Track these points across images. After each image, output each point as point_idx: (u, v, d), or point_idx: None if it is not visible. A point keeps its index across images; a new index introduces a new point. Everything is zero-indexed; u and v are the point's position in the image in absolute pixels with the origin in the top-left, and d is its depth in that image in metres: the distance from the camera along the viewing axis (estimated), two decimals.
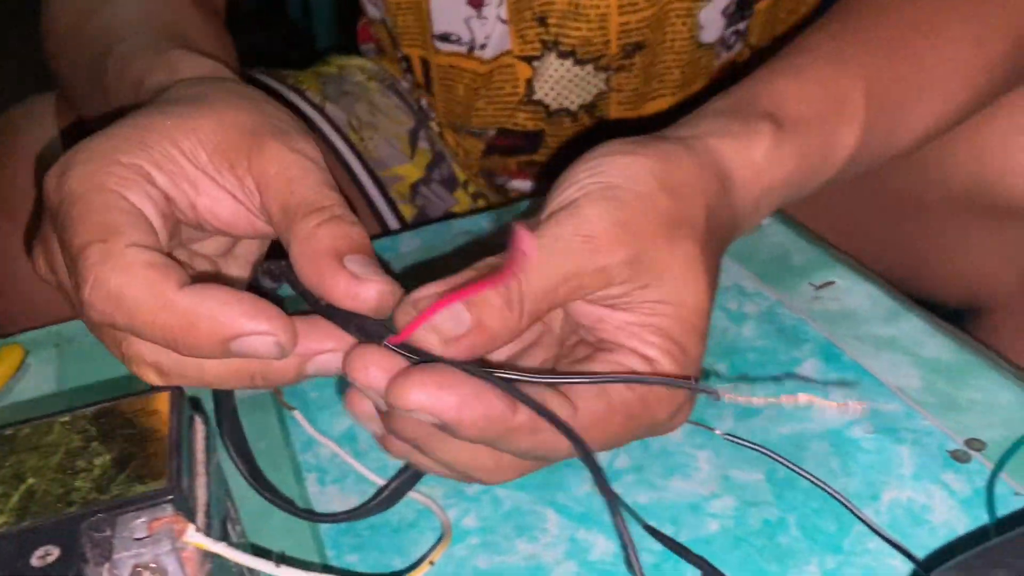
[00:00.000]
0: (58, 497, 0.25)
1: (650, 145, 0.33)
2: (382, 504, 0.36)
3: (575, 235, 0.30)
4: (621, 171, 0.32)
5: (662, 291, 0.31)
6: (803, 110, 0.36)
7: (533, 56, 0.60)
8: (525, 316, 0.29)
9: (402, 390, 0.27)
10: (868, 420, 0.38)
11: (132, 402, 0.28)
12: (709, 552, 0.33)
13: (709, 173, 0.33)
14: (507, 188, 0.70)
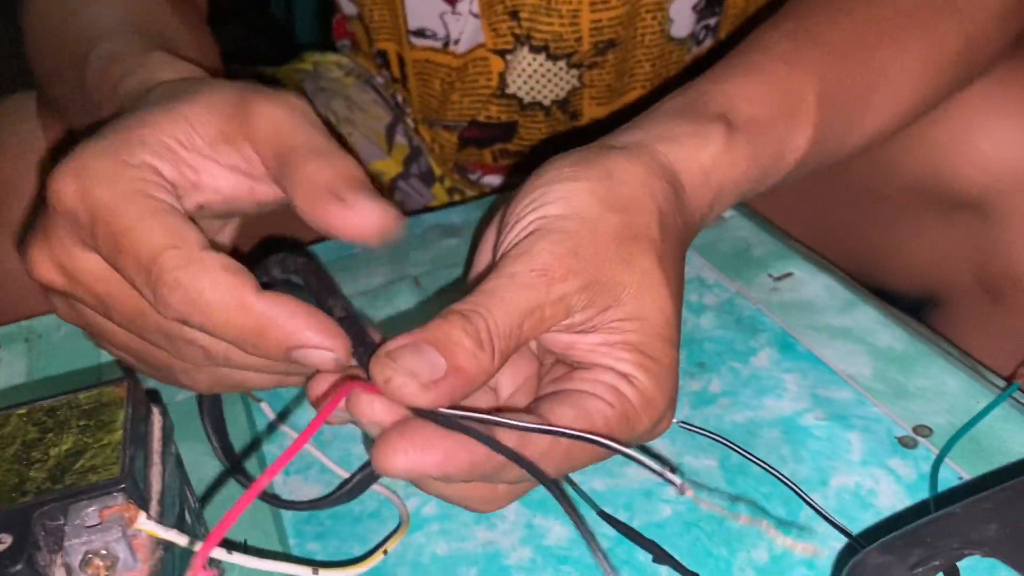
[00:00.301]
0: (12, 487, 0.26)
1: (591, 165, 0.33)
2: (346, 495, 0.36)
3: (529, 271, 0.30)
4: (564, 200, 0.32)
5: (625, 310, 0.31)
6: (755, 111, 0.37)
7: (506, 50, 0.61)
8: (496, 355, 0.29)
9: (385, 459, 0.27)
10: (820, 407, 0.39)
11: (89, 394, 0.29)
12: (661, 536, 0.34)
13: (657, 180, 0.33)
14: (480, 183, 0.71)
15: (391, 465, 0.27)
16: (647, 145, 0.34)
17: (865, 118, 0.42)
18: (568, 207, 0.31)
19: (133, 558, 0.25)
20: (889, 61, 0.42)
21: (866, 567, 0.24)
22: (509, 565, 0.34)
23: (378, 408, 0.28)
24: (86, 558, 0.24)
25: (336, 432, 0.41)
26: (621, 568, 0.34)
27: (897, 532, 0.25)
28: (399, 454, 0.27)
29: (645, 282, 0.31)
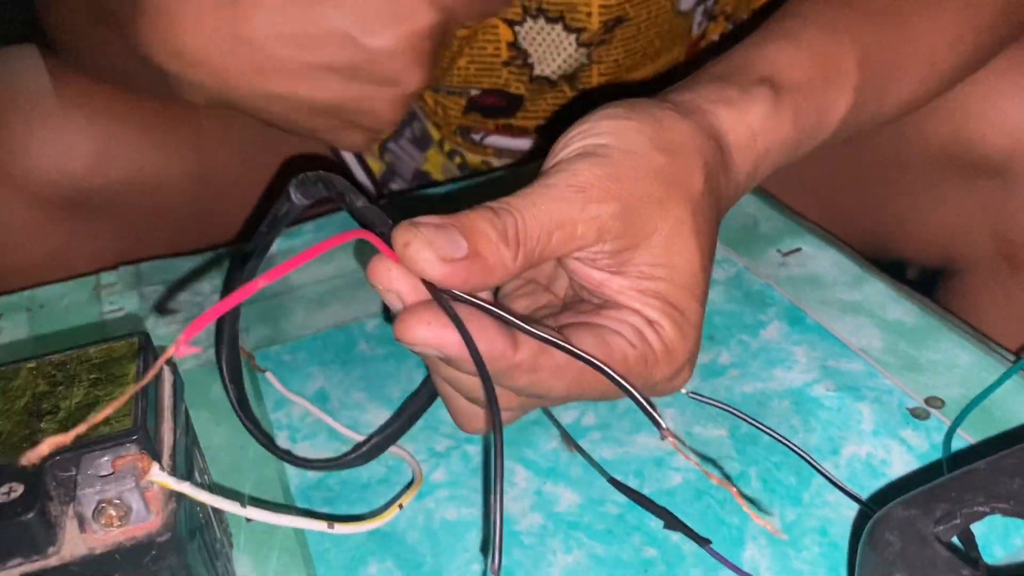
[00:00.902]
0: (23, 438, 0.26)
1: (642, 108, 0.33)
2: (361, 457, 0.36)
3: (567, 186, 0.30)
4: (611, 132, 0.32)
5: (653, 253, 0.31)
6: (798, 76, 0.37)
7: (515, 20, 0.60)
8: (520, 255, 0.29)
9: (408, 326, 0.27)
10: (830, 379, 0.39)
11: (99, 349, 0.29)
12: (671, 504, 0.34)
13: (704, 135, 0.33)
14: (484, 144, 0.70)
15: (413, 333, 0.27)
16: (696, 104, 0.35)
17: (903, 83, 0.42)
18: (616, 139, 0.32)
19: (146, 509, 0.24)
20: (926, 27, 0.42)
21: (891, 521, 0.24)
22: (519, 531, 0.34)
23: (395, 275, 0.28)
24: (99, 507, 0.24)
25: (344, 400, 0.41)
26: (632, 534, 0.33)
27: (921, 488, 0.25)
28: (423, 324, 0.27)
29: (676, 230, 0.31)
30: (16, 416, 0.26)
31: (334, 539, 0.34)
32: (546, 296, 0.36)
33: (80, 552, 0.24)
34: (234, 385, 0.36)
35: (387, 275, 0.28)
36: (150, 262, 0.51)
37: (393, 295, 0.29)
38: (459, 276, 0.28)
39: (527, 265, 0.30)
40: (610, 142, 0.32)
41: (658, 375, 0.31)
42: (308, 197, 0.33)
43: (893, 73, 0.41)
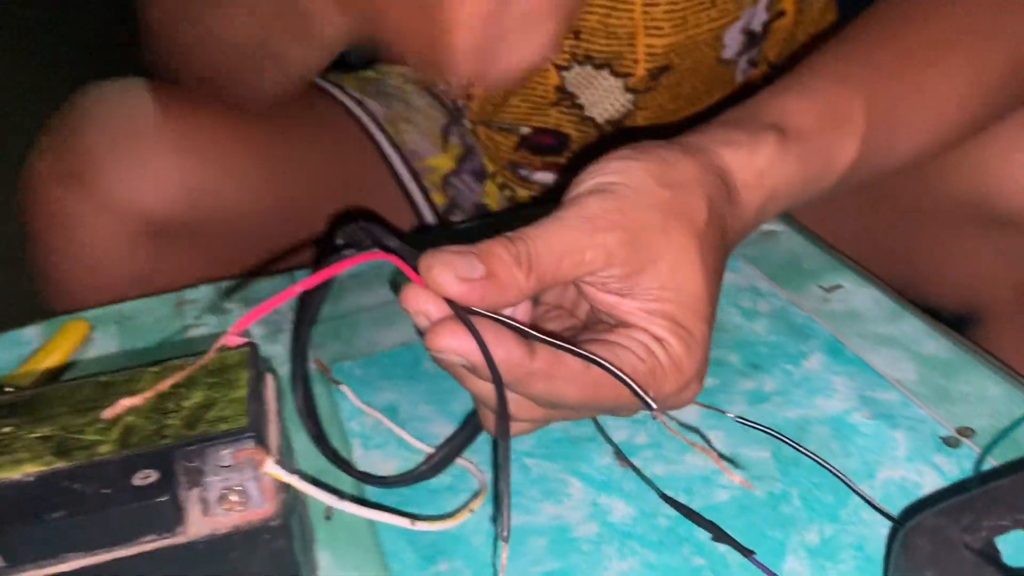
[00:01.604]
0: (153, 432, 0.29)
1: (649, 150, 0.37)
2: (430, 470, 0.39)
3: (576, 216, 0.34)
4: (619, 171, 0.36)
5: (660, 278, 0.34)
6: (805, 122, 0.40)
7: (562, 66, 0.64)
8: (532, 277, 0.33)
9: (436, 335, 0.31)
10: (867, 407, 0.42)
11: (213, 357, 0.32)
12: (718, 518, 0.37)
13: (709, 173, 0.37)
14: (531, 180, 0.74)
15: (441, 342, 0.31)
16: (703, 145, 0.38)
17: (912, 134, 0.45)
18: (622, 177, 0.35)
19: (261, 497, 0.28)
20: (936, 81, 0.44)
21: (922, 529, 0.27)
22: (577, 538, 0.37)
23: (422, 297, 0.32)
24: (223, 494, 0.27)
25: (412, 413, 0.44)
26: (682, 545, 0.36)
27: (951, 500, 0.28)
28: (450, 334, 0.31)
29: (681, 257, 0.34)
30: (144, 413, 0.30)
31: (407, 539, 0.37)
32: (571, 320, 0.40)
33: (204, 532, 0.27)
34: (311, 421, 0.39)
35: (415, 297, 0.32)
36: (229, 281, 0.55)
37: (421, 316, 0.33)
38: (476, 293, 0.32)
39: (540, 286, 0.33)
40: (617, 180, 0.35)
41: (667, 388, 0.34)
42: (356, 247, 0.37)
43: (902, 122, 0.44)
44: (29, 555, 0.26)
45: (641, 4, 0.59)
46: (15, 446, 0.29)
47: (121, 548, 0.27)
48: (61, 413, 0.30)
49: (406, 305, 0.32)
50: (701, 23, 0.61)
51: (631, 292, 0.35)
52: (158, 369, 0.32)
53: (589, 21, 0.61)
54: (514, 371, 0.31)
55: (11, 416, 0.30)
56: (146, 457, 0.28)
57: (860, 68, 0.43)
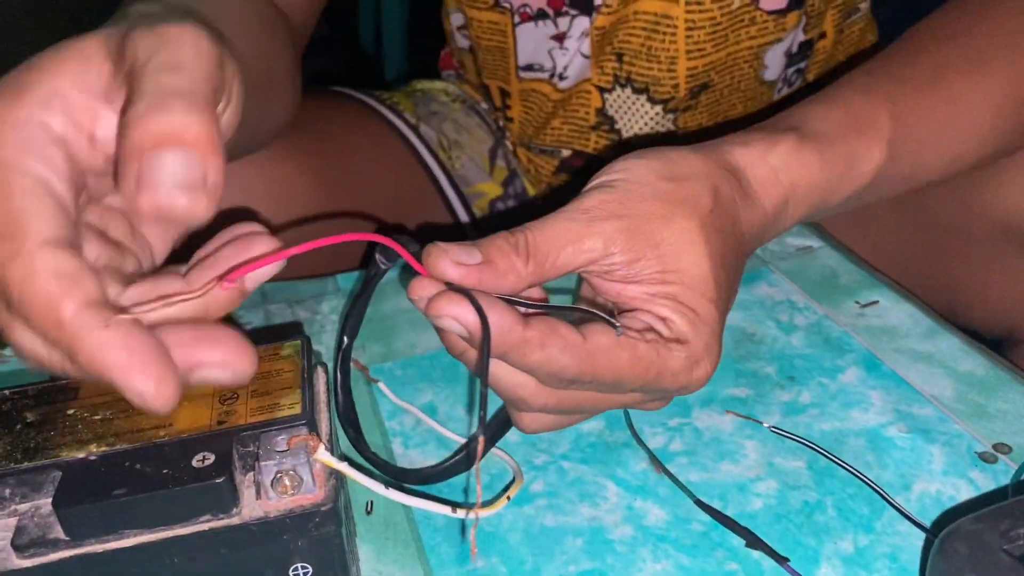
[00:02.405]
0: (210, 417, 0.30)
1: (655, 150, 0.38)
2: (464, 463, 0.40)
3: (575, 209, 0.35)
4: (622, 169, 0.37)
5: (663, 262, 0.35)
6: (827, 126, 0.41)
7: (605, 88, 0.65)
8: (531, 264, 0.34)
9: (435, 304, 0.32)
10: (903, 422, 0.42)
11: (267, 348, 0.33)
12: (752, 525, 0.37)
13: (715, 165, 0.38)
14: None
15: (437, 309, 0.31)
16: (714, 145, 0.39)
17: (944, 143, 0.45)
18: (625, 174, 0.37)
19: (313, 482, 0.29)
20: (970, 92, 0.45)
21: (960, 533, 0.27)
22: (612, 539, 0.37)
23: (424, 283, 0.33)
24: (277, 477, 0.28)
25: (451, 414, 0.45)
26: (716, 550, 0.37)
27: (988, 508, 0.28)
28: (446, 301, 0.31)
29: (683, 239, 0.35)
30: (202, 400, 0.31)
31: (445, 535, 0.38)
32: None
33: (257, 515, 0.28)
34: (350, 427, 0.40)
35: (418, 284, 0.33)
36: (274, 282, 0.56)
37: (423, 301, 0.33)
38: (473, 277, 0.33)
39: (540, 273, 0.34)
40: (619, 177, 0.37)
41: (673, 363, 0.34)
42: (391, 260, 0.38)
43: (933, 131, 0.44)
44: (91, 531, 0.28)
45: (684, 28, 0.60)
46: (79, 427, 0.30)
47: (178, 527, 0.28)
48: (121, 396, 0.31)
49: (411, 294, 0.33)
50: (741, 40, 0.62)
51: (635, 278, 0.35)
52: None
53: (632, 44, 0.62)
54: (507, 338, 0.31)
55: (74, 399, 0.32)
56: (204, 440, 0.29)
57: (888, 81, 0.43)
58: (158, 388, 0.24)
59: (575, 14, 0.63)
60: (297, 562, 0.29)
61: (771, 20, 0.61)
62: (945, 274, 0.57)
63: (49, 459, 0.29)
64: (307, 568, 0.29)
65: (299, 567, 0.29)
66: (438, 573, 0.36)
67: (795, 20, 0.62)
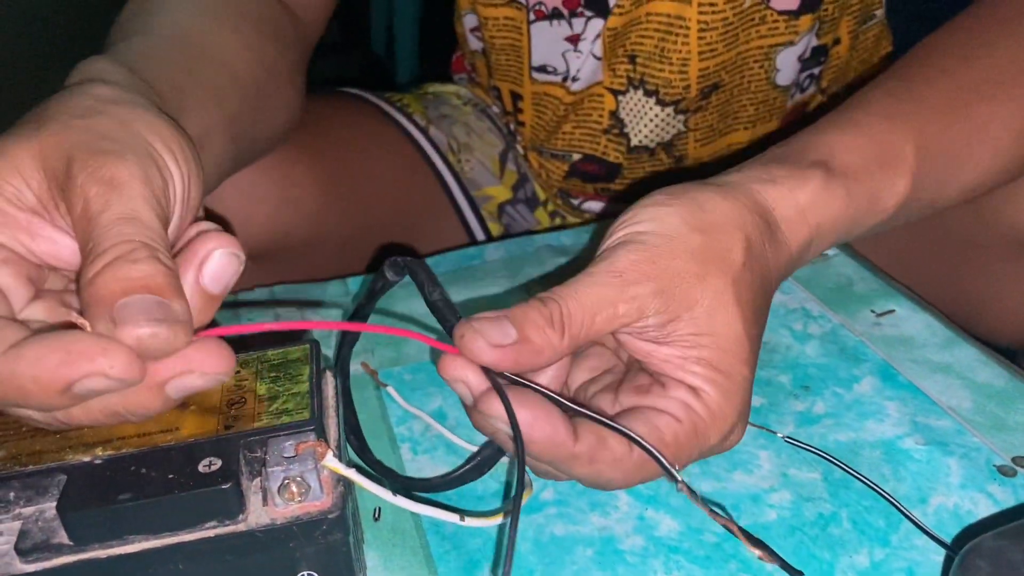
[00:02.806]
0: (218, 422, 0.30)
1: (683, 194, 0.36)
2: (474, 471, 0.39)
3: (606, 272, 0.34)
4: (651, 219, 0.35)
5: (696, 324, 0.34)
6: (852, 159, 0.39)
7: (619, 90, 0.65)
8: (566, 336, 0.32)
9: (486, 403, 0.31)
10: (919, 433, 0.41)
11: (276, 352, 0.33)
12: (766, 538, 0.37)
13: (746, 211, 0.36)
14: (582, 208, 0.74)
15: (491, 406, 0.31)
16: (742, 184, 0.38)
17: (964, 170, 0.44)
18: (654, 225, 0.35)
19: (321, 489, 0.28)
20: (988, 117, 0.44)
21: (982, 551, 0.26)
22: (623, 549, 0.37)
23: (458, 363, 0.32)
24: (284, 483, 0.28)
25: (461, 420, 0.44)
26: (729, 561, 0.36)
27: (1011, 524, 0.28)
28: (498, 401, 0.31)
29: (717, 301, 0.34)
30: (209, 404, 0.31)
31: (454, 542, 0.37)
32: (612, 359, 0.39)
33: (264, 521, 0.28)
34: (354, 435, 0.39)
35: (452, 365, 0.32)
36: (284, 284, 0.56)
37: (461, 384, 0.33)
38: (510, 358, 0.32)
39: (575, 344, 0.33)
40: (648, 228, 0.35)
41: (711, 439, 0.34)
42: (399, 275, 0.38)
43: (955, 158, 0.43)
44: (96, 536, 0.27)
45: (696, 29, 0.60)
46: (84, 431, 0.30)
47: (183, 533, 0.28)
48: None
49: (443, 374, 0.33)
50: (751, 39, 0.61)
51: (667, 339, 0.34)
52: None
53: (645, 46, 0.62)
54: (557, 451, 0.31)
55: None
56: (211, 445, 0.29)
57: (910, 104, 0.42)
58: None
59: (590, 15, 0.63)
60: (304, 569, 0.29)
61: (782, 20, 0.61)
62: (960, 284, 0.57)
63: (54, 463, 0.29)
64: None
65: (305, 574, 0.29)
66: None
67: (808, 23, 0.61)
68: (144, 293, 0.27)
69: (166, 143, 0.32)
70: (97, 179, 0.29)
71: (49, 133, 0.30)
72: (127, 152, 0.30)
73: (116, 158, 0.29)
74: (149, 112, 0.33)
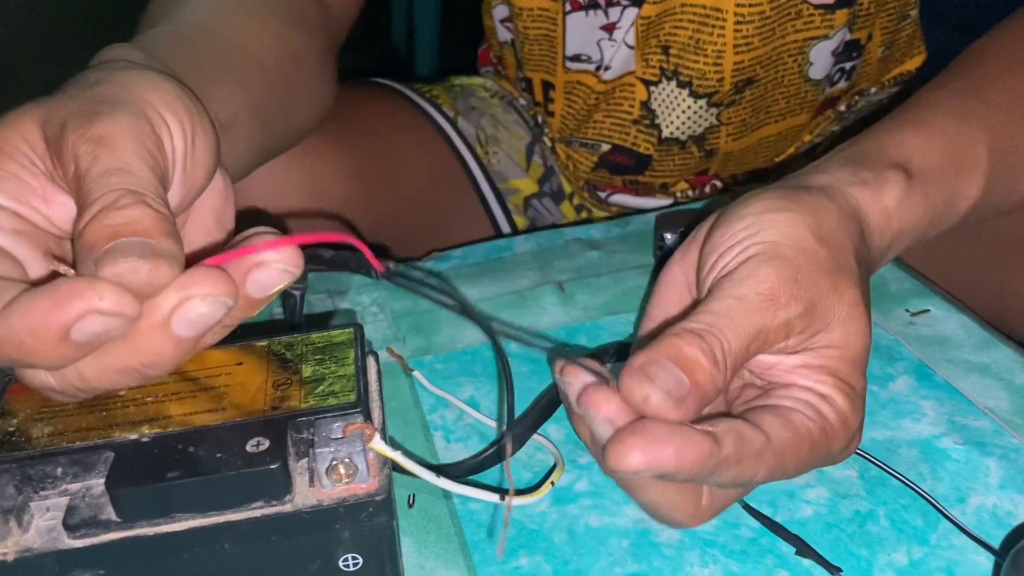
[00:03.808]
0: (264, 402, 0.30)
1: (797, 199, 0.35)
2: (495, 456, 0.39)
3: (756, 295, 0.32)
4: (778, 228, 0.34)
5: (831, 336, 0.33)
6: (930, 162, 0.39)
7: (652, 81, 0.65)
8: (728, 373, 0.31)
9: (621, 457, 0.28)
10: (957, 433, 0.41)
11: (320, 335, 0.33)
12: (802, 533, 0.37)
13: (851, 220, 0.36)
14: (608, 202, 0.74)
15: (626, 462, 0.28)
16: (838, 188, 0.37)
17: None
18: (783, 235, 0.34)
19: (367, 471, 0.28)
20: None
21: None
22: (658, 542, 0.37)
23: (615, 407, 0.29)
24: (332, 465, 0.28)
25: (492, 410, 0.44)
26: (765, 556, 0.36)
27: None
28: (636, 451, 0.28)
29: (852, 313, 0.33)
30: (255, 385, 0.31)
31: (488, 530, 0.37)
32: None
33: (310, 502, 0.28)
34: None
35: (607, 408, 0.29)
36: (314, 272, 0.56)
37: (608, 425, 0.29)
38: (690, 412, 0.29)
39: (731, 379, 0.31)
40: (779, 239, 0.34)
41: (836, 445, 0.33)
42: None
43: (1022, 161, 0.43)
44: (143, 513, 0.27)
45: (733, 21, 0.59)
46: (131, 408, 0.30)
47: (230, 512, 0.28)
48: (173, 379, 0.31)
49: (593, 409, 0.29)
50: (787, 34, 0.61)
51: (797, 350, 0.33)
52: (264, 343, 0.33)
53: (680, 37, 0.61)
54: (707, 464, 0.29)
55: None
56: (259, 425, 0.29)
57: (980, 105, 0.42)
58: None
59: (626, 4, 0.63)
60: (347, 552, 0.29)
61: (818, 14, 0.60)
62: (995, 284, 0.56)
63: (100, 440, 0.29)
64: (356, 559, 0.29)
65: (348, 557, 0.29)
66: (481, 569, 0.36)
67: (844, 18, 0.61)
68: (130, 236, 0.26)
69: (165, 100, 0.31)
70: (87, 138, 0.29)
71: (50, 102, 0.30)
72: (119, 111, 0.30)
73: (106, 117, 0.29)
74: (153, 73, 0.33)
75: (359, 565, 0.29)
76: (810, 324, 0.33)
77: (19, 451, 0.28)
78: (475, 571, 0.36)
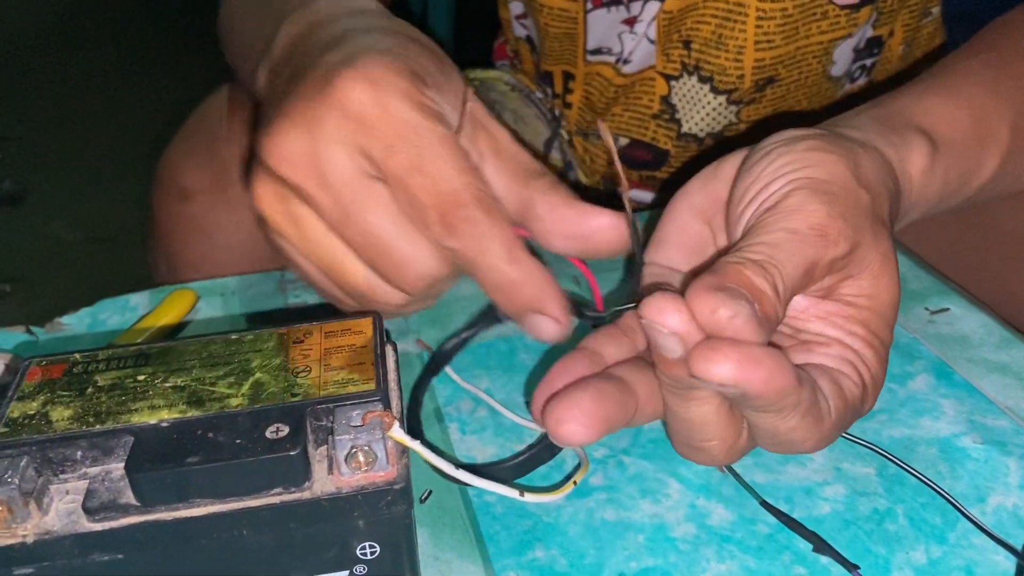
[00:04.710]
0: (284, 389, 0.30)
1: (837, 141, 0.34)
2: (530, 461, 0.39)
3: (809, 229, 0.31)
4: (824, 167, 0.33)
5: (861, 284, 0.33)
6: (953, 133, 0.38)
7: (672, 75, 0.64)
8: (784, 305, 0.30)
9: (710, 363, 0.26)
10: (976, 432, 0.41)
11: (339, 323, 0.33)
12: (820, 530, 0.36)
13: (887, 174, 0.35)
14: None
15: (716, 371, 0.26)
16: (872, 143, 0.36)
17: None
18: (828, 173, 0.33)
19: (387, 460, 0.28)
20: None
21: None
22: (675, 537, 0.37)
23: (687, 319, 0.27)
24: (351, 452, 0.28)
25: (508, 402, 0.44)
26: (782, 553, 0.36)
27: None
28: (730, 362, 0.26)
29: (886, 264, 0.33)
30: (274, 372, 0.31)
31: (503, 522, 0.37)
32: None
33: (329, 490, 0.28)
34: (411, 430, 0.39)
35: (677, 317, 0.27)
36: None
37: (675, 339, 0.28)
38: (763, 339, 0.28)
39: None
40: (824, 176, 0.32)
41: (867, 405, 0.33)
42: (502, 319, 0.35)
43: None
44: (163, 497, 0.27)
45: (755, 17, 0.59)
46: (150, 393, 0.30)
47: (249, 498, 0.28)
48: (192, 366, 0.31)
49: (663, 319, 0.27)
50: (811, 34, 0.60)
51: (830, 295, 0.33)
52: (284, 330, 0.33)
53: (702, 32, 0.61)
54: (786, 400, 0.28)
55: (145, 365, 0.31)
56: (278, 411, 0.29)
57: (1007, 79, 0.41)
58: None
59: None
60: (364, 540, 0.29)
61: (843, 15, 0.60)
62: (1011, 282, 0.56)
63: (120, 424, 0.29)
64: (374, 547, 0.29)
65: (366, 545, 0.29)
66: (496, 560, 0.36)
67: (867, 15, 0.61)
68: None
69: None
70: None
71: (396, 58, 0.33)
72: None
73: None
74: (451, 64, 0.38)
75: (376, 553, 0.29)
76: (847, 266, 0.32)
77: (39, 434, 0.28)
78: (490, 562, 0.36)
